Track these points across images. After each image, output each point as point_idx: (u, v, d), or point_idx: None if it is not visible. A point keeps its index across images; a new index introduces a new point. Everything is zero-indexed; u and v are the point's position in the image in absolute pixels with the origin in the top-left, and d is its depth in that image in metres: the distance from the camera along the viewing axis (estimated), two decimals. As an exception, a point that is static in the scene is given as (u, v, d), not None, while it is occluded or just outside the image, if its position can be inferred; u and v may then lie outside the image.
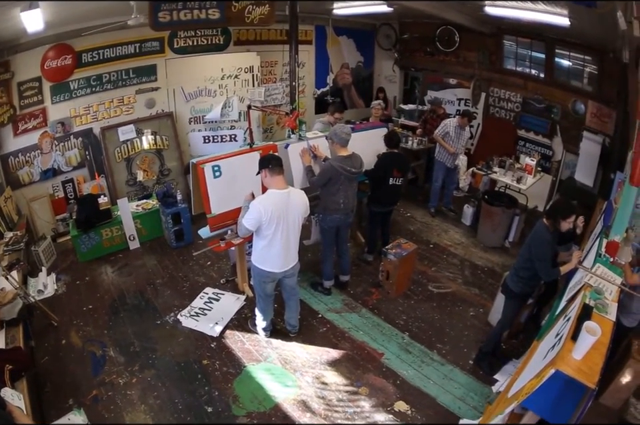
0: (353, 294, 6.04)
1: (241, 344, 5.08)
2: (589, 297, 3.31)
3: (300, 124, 5.75)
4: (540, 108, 8.81)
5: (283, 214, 4.24)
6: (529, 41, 8.79)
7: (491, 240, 7.58)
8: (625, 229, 3.96)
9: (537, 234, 4.43)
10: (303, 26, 8.89)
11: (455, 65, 9.84)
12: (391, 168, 5.99)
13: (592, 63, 8.15)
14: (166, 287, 5.97)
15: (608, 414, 4.97)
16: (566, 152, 8.61)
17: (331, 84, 10.05)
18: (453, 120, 7.88)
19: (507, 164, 7.89)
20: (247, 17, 6.51)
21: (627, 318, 4.84)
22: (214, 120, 7.75)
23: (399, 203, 6.69)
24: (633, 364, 4.79)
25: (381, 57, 10.97)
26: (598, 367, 2.68)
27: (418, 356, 5.10)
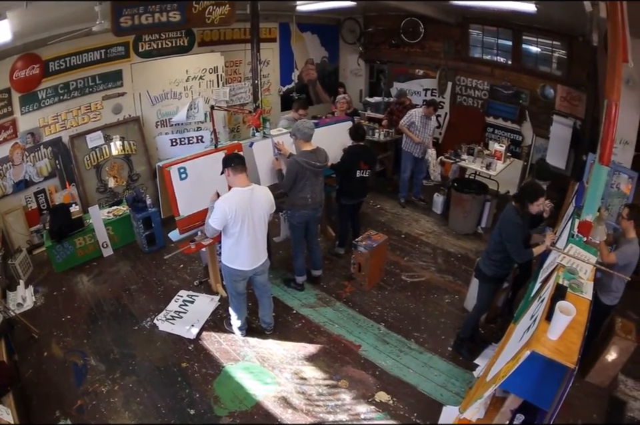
0: (326, 288, 6.05)
1: (218, 344, 5.06)
2: (563, 277, 3.30)
3: (264, 121, 5.73)
4: (508, 94, 8.90)
5: (247, 212, 4.25)
6: (495, 29, 8.87)
7: (462, 227, 7.62)
8: (596, 209, 3.94)
9: (506, 217, 4.47)
10: (266, 24, 8.93)
11: (420, 56, 9.88)
12: (357, 161, 5.99)
13: (561, 48, 8.25)
14: (141, 292, 5.92)
15: (597, 392, 5.06)
16: (536, 136, 8.70)
17: (296, 81, 10.05)
18: (418, 110, 7.91)
19: (476, 151, 7.95)
20: (207, 18, 6.47)
21: (607, 296, 4.93)
22: (180, 123, 7.70)
23: (368, 195, 6.69)
24: (617, 341, 4.89)
25: (346, 51, 10.98)
26: (576, 346, 2.66)
27: (395, 346, 5.12)
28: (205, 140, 7.70)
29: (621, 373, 5.31)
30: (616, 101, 3.55)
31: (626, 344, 4.89)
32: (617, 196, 6.80)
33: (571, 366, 2.53)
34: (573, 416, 4.69)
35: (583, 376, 5.22)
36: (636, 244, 4.70)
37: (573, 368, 2.52)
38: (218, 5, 6.46)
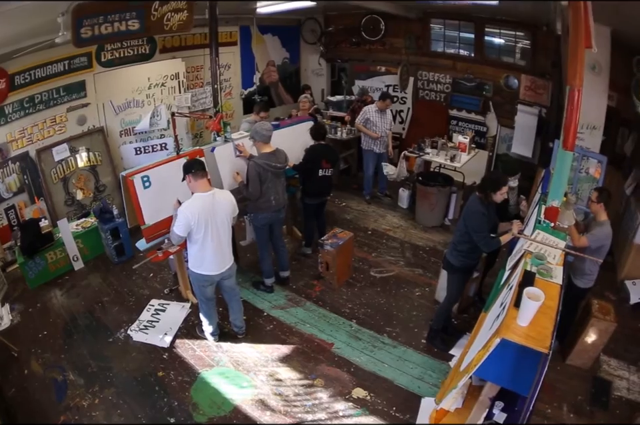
0: (296, 288, 6.08)
1: (192, 351, 5.05)
2: (531, 263, 3.33)
3: (224, 126, 5.73)
4: (471, 86, 9.03)
5: (210, 217, 4.28)
6: (457, 23, 8.97)
7: (429, 220, 7.70)
8: (562, 194, 3.96)
9: (470, 207, 4.54)
10: (227, 28, 8.91)
11: (381, 53, 9.97)
12: (319, 160, 6.03)
13: (524, 38, 8.39)
14: (113, 304, 5.88)
15: (580, 374, 5.20)
16: (501, 126, 8.83)
17: (257, 83, 10.00)
18: (371, 106, 8.02)
19: (439, 144, 8.03)
20: (166, 25, 6.40)
21: (581, 279, 5.05)
22: (144, 131, 7.64)
23: (333, 194, 6.76)
24: (596, 322, 5.00)
25: (307, 52, 11.01)
26: (548, 331, 2.69)
27: (368, 342, 5.17)
28: (168, 147, 7.63)
29: (604, 354, 5.44)
30: (578, 87, 3.57)
31: (605, 325, 5.00)
32: (587, 181, 6.90)
33: (544, 351, 2.56)
34: (557, 399, 4.82)
35: (563, 359, 5.35)
36: (607, 226, 4.80)
37: (547, 353, 2.54)
38: (176, 12, 6.40)
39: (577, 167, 6.99)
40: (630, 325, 6.21)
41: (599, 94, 6.82)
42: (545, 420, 4.61)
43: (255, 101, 9.39)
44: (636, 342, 5.94)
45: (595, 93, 6.78)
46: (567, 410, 4.77)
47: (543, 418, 4.62)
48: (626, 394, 5.06)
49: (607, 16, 5.55)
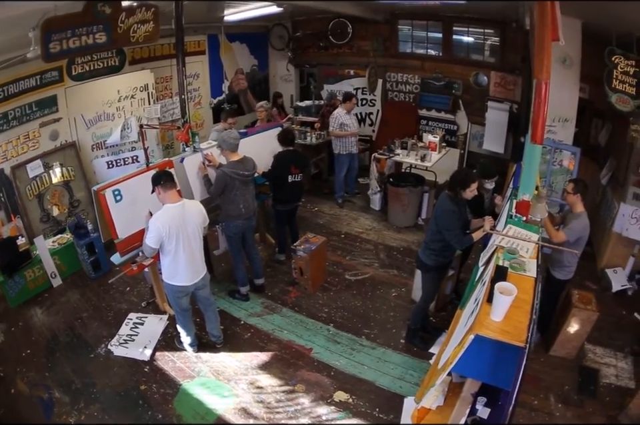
0: (271, 295, 6.11)
1: (172, 363, 5.04)
2: (503, 258, 3.35)
3: (193, 136, 5.70)
4: (440, 86, 9.16)
5: (181, 227, 4.30)
6: (425, 23, 9.06)
7: (402, 220, 7.78)
8: (533, 187, 4.02)
9: (440, 206, 4.60)
10: (195, 37, 8.91)
11: (349, 56, 10.05)
12: (288, 166, 6.06)
13: (493, 35, 8.50)
14: (92, 319, 5.84)
15: (565, 364, 5.27)
16: (471, 124, 8.93)
17: (226, 92, 9.99)
18: (339, 110, 8.10)
19: (409, 145, 8.09)
20: (132, 37, 6.37)
21: (559, 271, 5.11)
22: (115, 144, 7.59)
23: (304, 199, 6.80)
24: (577, 312, 5.06)
25: (275, 58, 11.05)
26: (523, 325, 2.70)
27: (347, 345, 5.21)
28: (140, 159, 7.59)
29: (588, 342, 5.52)
30: (545, 80, 3.59)
31: (587, 314, 5.07)
32: (560, 173, 6.98)
33: (521, 345, 2.56)
34: (543, 391, 4.88)
35: (547, 350, 5.42)
36: (584, 217, 4.84)
37: (524, 347, 2.55)
38: (142, 23, 6.38)
39: (550, 160, 7.08)
40: (613, 313, 6.31)
41: (570, 86, 6.93)
42: (532, 412, 4.67)
43: (224, 110, 9.34)
44: (621, 329, 6.04)
45: (566, 86, 6.88)
46: (554, 400, 4.83)
47: (530, 410, 4.68)
48: (615, 381, 5.14)
49: (577, 9, 5.67)
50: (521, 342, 2.57)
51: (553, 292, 5.38)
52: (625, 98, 5.95)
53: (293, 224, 6.84)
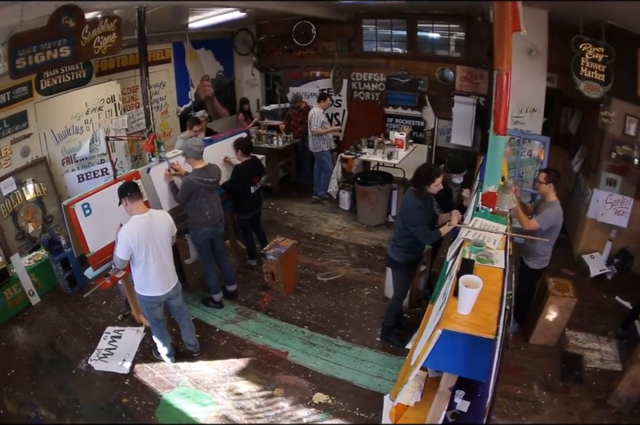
0: (245, 301, 6.11)
1: (151, 374, 5.02)
2: (469, 251, 3.32)
3: (158, 145, 5.71)
4: (405, 83, 9.26)
5: (150, 237, 4.30)
6: (389, 21, 9.11)
7: (372, 219, 7.84)
8: (498, 178, 4.00)
9: (406, 203, 4.61)
10: (160, 46, 8.89)
11: (314, 58, 10.12)
12: (250, 178, 6.12)
13: (459, 30, 8.59)
14: (72, 335, 5.80)
15: (546, 352, 5.32)
16: (438, 119, 9.00)
17: (193, 99, 9.96)
18: (316, 109, 8.15)
19: (376, 143, 8.18)
20: (95, 49, 6.31)
21: (534, 260, 5.15)
22: (85, 157, 7.55)
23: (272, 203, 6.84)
24: (554, 300, 5.10)
25: (241, 63, 11.05)
26: (492, 317, 2.67)
27: (323, 346, 5.23)
28: (109, 172, 7.52)
29: (569, 329, 5.58)
30: (507, 71, 3.58)
31: (564, 301, 5.11)
32: (530, 163, 7.01)
33: (490, 337, 2.54)
34: (526, 379, 4.93)
35: (526, 339, 5.47)
36: (557, 206, 4.89)
37: (494, 339, 2.53)
38: (105, 35, 6.33)
39: (519, 150, 7.10)
40: (593, 298, 6.40)
41: (537, 77, 7.01)
42: (517, 401, 4.70)
43: (190, 117, 9.19)
44: (602, 314, 6.13)
45: (532, 76, 6.96)
46: (538, 388, 4.87)
47: (514, 399, 4.72)
48: (600, 365, 5.20)
49: (544, 0, 5.78)
50: (490, 334, 2.54)
51: (528, 281, 5.42)
52: (594, 85, 6.01)
53: (258, 229, 6.85)
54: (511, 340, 5.39)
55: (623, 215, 6.86)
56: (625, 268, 7.09)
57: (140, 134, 7.78)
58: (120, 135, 7.43)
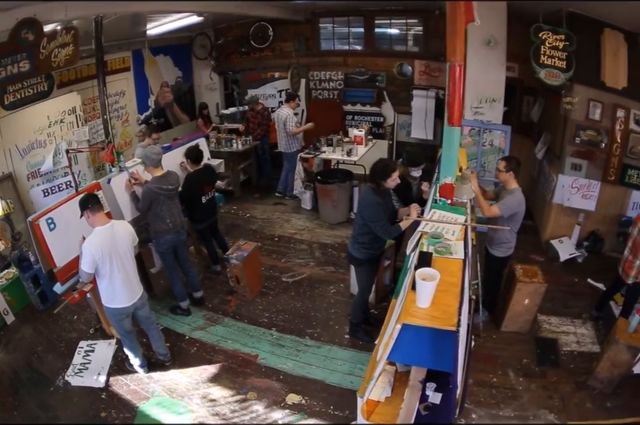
0: (212, 307, 6.11)
1: (126, 387, 5.00)
2: (427, 244, 3.33)
3: (117, 155, 5.66)
4: (363, 79, 9.43)
5: (113, 248, 4.30)
6: (346, 19, 9.16)
7: (334, 217, 7.94)
8: (455, 169, 4.00)
9: (364, 199, 4.65)
10: (119, 54, 8.84)
11: (271, 59, 10.17)
12: (201, 187, 6.11)
13: (417, 25, 8.65)
14: (47, 352, 5.76)
15: (520, 338, 5.39)
16: (398, 114, 9.10)
17: (153, 106, 9.90)
18: (286, 110, 8.13)
19: (335, 141, 8.28)
20: (54, 62, 6.29)
21: (498, 249, 5.20)
22: (49, 171, 7.45)
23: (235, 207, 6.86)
24: (522, 286, 5.16)
25: (199, 68, 11.02)
26: (453, 308, 2.69)
27: (292, 347, 5.26)
28: (73, 184, 7.46)
29: (542, 314, 5.68)
30: (459, 62, 3.61)
31: (533, 287, 5.17)
32: (492, 152, 7.08)
33: (452, 329, 2.57)
34: (501, 367, 4.99)
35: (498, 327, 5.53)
36: (518, 193, 4.96)
37: (455, 330, 2.56)
38: (63, 46, 6.29)
39: (480, 141, 7.17)
40: (565, 282, 6.53)
41: (497, 67, 7.10)
42: (493, 389, 4.75)
43: (150, 125, 9.29)
44: (575, 297, 6.24)
45: (491, 67, 7.05)
46: (514, 374, 4.93)
47: (490, 387, 4.77)
48: (577, 348, 5.29)
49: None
50: (451, 326, 2.57)
51: (494, 269, 5.48)
52: (554, 72, 6.11)
53: (217, 236, 6.84)
54: (481, 328, 5.45)
55: (590, 199, 6.97)
56: (595, 251, 7.22)
57: (96, 146, 7.73)
58: (81, 147, 7.36)
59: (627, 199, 6.98)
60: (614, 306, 5.97)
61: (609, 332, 5.02)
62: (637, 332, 4.59)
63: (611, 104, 6.57)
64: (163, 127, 9.61)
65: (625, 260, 5.29)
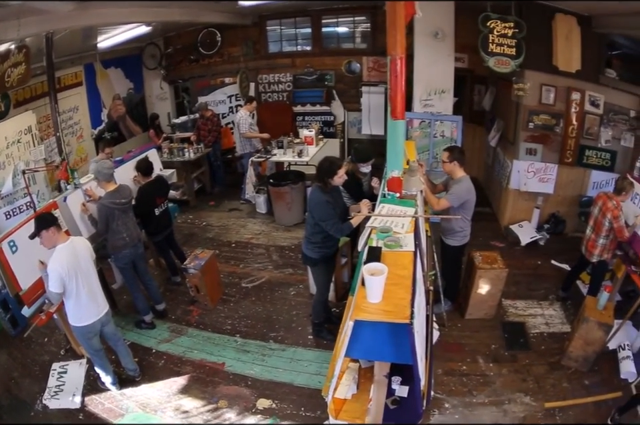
0: (175, 318, 6.10)
1: (101, 405, 4.98)
2: (376, 239, 3.32)
3: (72, 172, 5.67)
4: (312, 80, 9.56)
5: (76, 265, 4.29)
6: (293, 20, 9.18)
7: (289, 219, 8.01)
8: (401, 163, 3.98)
9: (313, 199, 4.67)
10: (72, 69, 8.78)
11: (220, 65, 10.21)
12: (153, 200, 6.07)
13: (364, 22, 8.72)
14: (23, 377, 5.68)
15: (486, 325, 5.48)
16: (348, 112, 9.22)
17: (106, 120, 9.79)
18: (241, 113, 8.23)
19: (285, 143, 8.32)
20: (7, 82, 6.25)
21: (453, 238, 5.25)
22: (9, 193, 7.32)
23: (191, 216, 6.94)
24: (483, 273, 5.24)
25: (150, 78, 10.96)
26: (405, 301, 2.68)
27: (257, 352, 5.31)
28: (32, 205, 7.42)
29: (506, 299, 5.79)
30: (400, 56, 3.54)
31: (494, 273, 5.24)
32: (444, 143, 7.18)
33: (405, 321, 2.56)
34: (469, 355, 5.07)
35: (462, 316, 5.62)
36: (466, 181, 5.00)
37: (409, 323, 2.55)
38: (15, 66, 6.25)
39: (431, 132, 7.24)
40: (528, 265, 6.65)
41: (445, 58, 7.19)
42: (463, 377, 4.83)
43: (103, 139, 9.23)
44: (540, 279, 6.36)
45: (440, 59, 7.15)
46: (484, 361, 5.01)
47: (460, 376, 4.85)
48: (546, 329, 5.40)
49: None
50: (404, 319, 2.57)
51: (451, 259, 5.54)
52: (504, 59, 6.22)
53: (174, 246, 6.81)
54: (446, 318, 5.52)
55: (548, 182, 7.12)
56: (557, 233, 7.36)
57: (51, 164, 7.63)
58: (37, 167, 7.28)
59: (587, 179, 7.15)
60: (581, 285, 6.13)
61: (578, 311, 5.14)
62: (607, 309, 4.72)
63: (565, 87, 6.73)
64: (117, 140, 9.54)
65: (587, 239, 5.44)
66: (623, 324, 5.06)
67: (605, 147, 6.91)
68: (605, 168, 7.00)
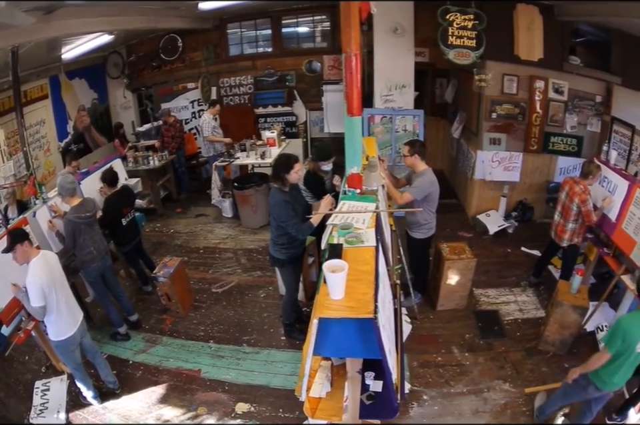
0: (149, 328, 6.10)
1: (85, 420, 5.00)
2: (337, 236, 3.33)
3: (39, 187, 5.66)
4: (273, 81, 9.63)
5: (52, 276, 4.33)
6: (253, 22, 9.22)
7: (255, 221, 8.08)
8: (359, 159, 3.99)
9: (272, 200, 4.66)
10: (38, 82, 8.69)
11: (182, 70, 10.22)
12: (119, 210, 6.06)
13: (324, 20, 8.79)
14: (9, 398, 5.62)
15: (458, 315, 5.57)
16: (309, 111, 9.28)
17: (72, 132, 9.70)
18: (205, 116, 8.28)
19: (248, 146, 8.37)
20: None
21: (418, 231, 5.30)
22: (-19, 211, 7.33)
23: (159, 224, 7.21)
24: (451, 264, 5.30)
25: (113, 87, 10.89)
26: (368, 296, 2.71)
27: (231, 356, 5.36)
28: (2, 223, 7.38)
29: (477, 288, 5.88)
30: (355, 52, 3.52)
31: (463, 263, 5.32)
32: (407, 137, 7.26)
33: (369, 316, 2.59)
34: (443, 346, 5.15)
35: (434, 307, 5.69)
36: (429, 173, 5.06)
37: (373, 317, 2.58)
38: None
39: (392, 128, 7.32)
40: (497, 253, 6.75)
41: (404, 53, 7.24)
42: (439, 368, 4.90)
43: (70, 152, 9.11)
44: (510, 267, 6.47)
45: (399, 54, 7.21)
46: (459, 351, 5.10)
47: (436, 367, 4.92)
48: (520, 315, 5.50)
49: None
50: (368, 314, 2.59)
51: (418, 252, 5.60)
52: (464, 51, 6.29)
53: (143, 256, 6.80)
54: (417, 311, 5.61)
55: (513, 170, 7.23)
56: (526, 220, 7.49)
57: (19, 181, 7.53)
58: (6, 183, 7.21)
59: (553, 165, 7.30)
60: (553, 270, 6.26)
61: (551, 296, 5.23)
62: (581, 292, 4.81)
63: (527, 76, 6.86)
64: (83, 152, 9.49)
65: (556, 224, 5.54)
66: (599, 305, 5.20)
67: (570, 133, 7.07)
68: (572, 153, 7.16)
